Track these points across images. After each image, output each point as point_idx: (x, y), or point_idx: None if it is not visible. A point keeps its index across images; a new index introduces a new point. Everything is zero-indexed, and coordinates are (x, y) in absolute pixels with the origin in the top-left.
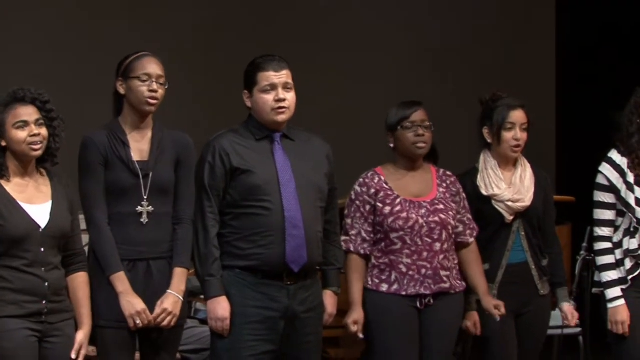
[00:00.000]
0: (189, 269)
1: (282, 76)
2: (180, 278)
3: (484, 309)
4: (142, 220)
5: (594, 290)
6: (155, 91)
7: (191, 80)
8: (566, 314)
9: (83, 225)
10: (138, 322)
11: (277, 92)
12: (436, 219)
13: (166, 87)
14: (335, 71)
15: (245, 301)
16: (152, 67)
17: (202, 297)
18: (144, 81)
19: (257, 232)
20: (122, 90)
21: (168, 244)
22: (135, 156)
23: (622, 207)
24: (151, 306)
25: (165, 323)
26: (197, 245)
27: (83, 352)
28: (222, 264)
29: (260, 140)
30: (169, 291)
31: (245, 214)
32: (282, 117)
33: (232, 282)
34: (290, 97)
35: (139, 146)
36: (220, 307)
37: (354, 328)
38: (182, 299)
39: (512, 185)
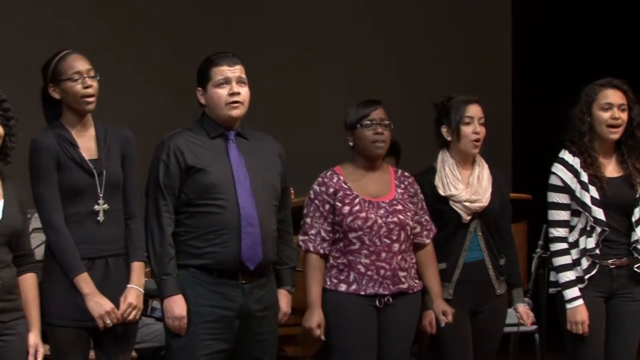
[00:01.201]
0: (145, 262)
1: (236, 71)
2: (139, 272)
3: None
4: (98, 218)
5: (551, 290)
6: (90, 86)
7: (145, 82)
8: (521, 315)
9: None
10: (108, 321)
11: (231, 86)
12: (395, 219)
13: (98, 78)
14: (291, 71)
15: (200, 300)
16: (80, 63)
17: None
18: (76, 80)
19: (212, 231)
20: (56, 95)
21: (123, 240)
22: (85, 155)
23: (577, 207)
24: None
25: (131, 317)
26: (152, 244)
27: (41, 351)
28: (177, 262)
29: (214, 139)
30: (130, 285)
31: (200, 213)
32: (236, 112)
33: (187, 281)
34: (244, 92)
35: (86, 145)
36: (177, 306)
37: (317, 332)
38: (143, 292)
39: (469, 186)
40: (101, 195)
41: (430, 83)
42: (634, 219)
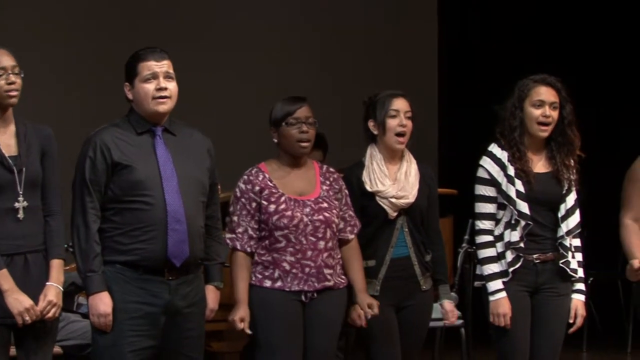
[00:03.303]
0: (64, 259)
1: (164, 65)
2: (58, 269)
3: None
4: (18, 216)
5: (476, 283)
6: (13, 82)
7: (68, 80)
8: (446, 312)
9: None
10: (27, 318)
11: (159, 81)
12: (320, 217)
13: (22, 75)
14: (217, 68)
15: (126, 297)
16: (5, 59)
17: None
18: (0, 75)
19: (138, 227)
20: None
21: (41, 236)
22: (5, 152)
23: (503, 200)
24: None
25: (50, 315)
26: (78, 241)
27: None
28: (104, 259)
29: (141, 135)
30: (49, 283)
31: (127, 209)
32: (163, 108)
33: (112, 277)
34: (171, 86)
35: (6, 141)
36: (102, 303)
37: (240, 325)
38: (62, 289)
39: (396, 182)
40: (21, 193)
41: (356, 78)
42: (560, 215)
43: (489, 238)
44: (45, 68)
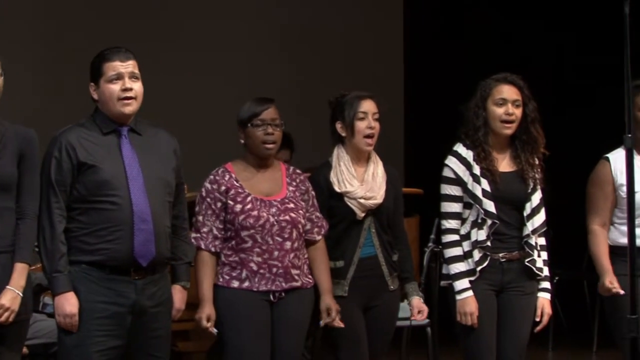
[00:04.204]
0: (30, 264)
1: (129, 66)
2: (20, 273)
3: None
4: None
5: (442, 282)
6: None
7: (37, 76)
8: (414, 308)
9: None
10: None
11: (124, 81)
12: (287, 217)
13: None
14: (185, 69)
15: (92, 296)
16: None
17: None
18: None
19: (104, 227)
20: None
21: (10, 238)
22: None
23: (469, 200)
24: None
25: (2, 319)
26: (43, 241)
27: None
28: (70, 259)
29: (107, 134)
30: (7, 287)
31: (92, 209)
32: (128, 109)
33: (79, 277)
34: (137, 87)
35: None
36: (68, 303)
37: (205, 323)
38: (21, 294)
39: (364, 183)
40: None
41: (323, 78)
42: (525, 214)
43: (455, 237)
44: (19, 68)
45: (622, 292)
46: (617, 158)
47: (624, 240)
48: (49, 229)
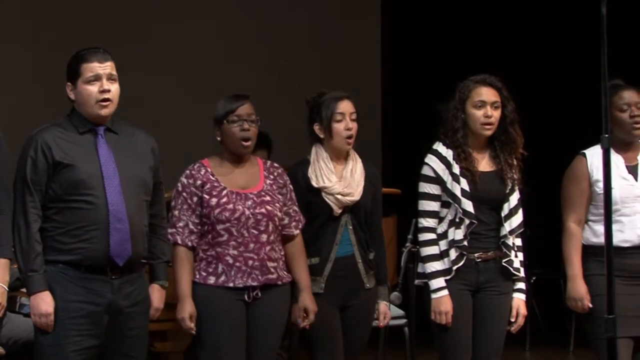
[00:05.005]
0: (10, 259)
1: (107, 67)
2: (3, 269)
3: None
4: None
5: (417, 281)
6: None
7: (17, 80)
8: (379, 314)
9: None
10: None
11: (102, 83)
12: (262, 210)
13: None
14: (163, 67)
15: (68, 296)
16: None
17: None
18: None
19: (80, 226)
20: None
21: None
22: None
23: (447, 199)
24: None
25: None
26: (19, 240)
27: None
28: (45, 258)
29: (83, 134)
30: None
31: (68, 208)
32: (105, 111)
33: (55, 277)
34: (114, 88)
35: None
36: (44, 303)
37: (189, 323)
38: (7, 288)
39: (342, 179)
40: None
41: (301, 77)
42: (503, 214)
43: (432, 236)
44: None
45: (588, 308)
46: (593, 154)
47: (596, 240)
48: (24, 228)
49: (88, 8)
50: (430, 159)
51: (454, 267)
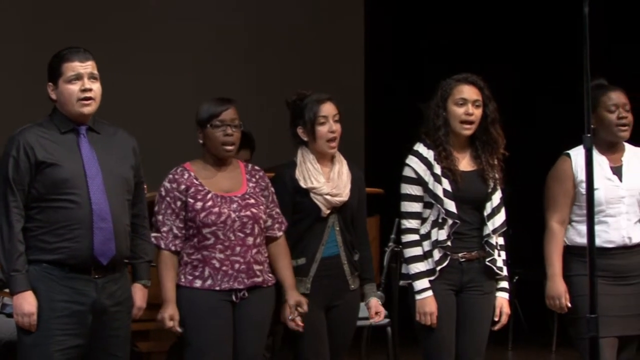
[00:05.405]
0: None
1: (88, 66)
2: None
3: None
4: None
5: (401, 282)
6: None
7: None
8: (372, 309)
9: None
10: None
11: (83, 82)
12: (248, 213)
13: None
14: (145, 68)
15: (52, 295)
16: None
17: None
18: None
19: (64, 226)
20: None
21: None
22: None
23: (430, 199)
24: None
25: None
26: (1, 240)
27: None
28: (29, 258)
29: (65, 133)
30: None
31: (51, 208)
32: (87, 109)
33: (38, 276)
34: (96, 87)
35: None
36: (26, 303)
37: (170, 323)
38: None
39: (330, 180)
40: None
41: (283, 77)
42: (485, 214)
43: (415, 237)
44: None
45: (566, 307)
46: (578, 154)
47: (580, 240)
48: (6, 228)
49: (70, 8)
50: (411, 160)
51: (438, 268)
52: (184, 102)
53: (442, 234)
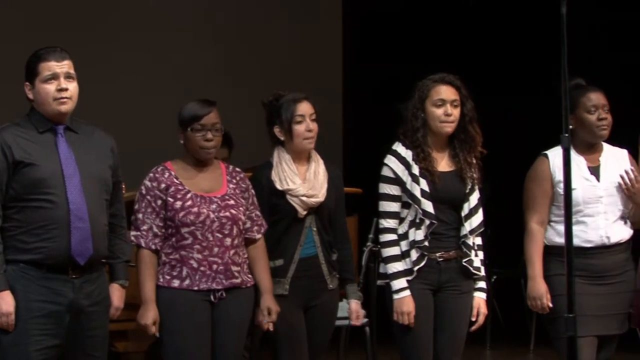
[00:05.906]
0: None
1: (64, 66)
2: None
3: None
4: None
5: (379, 282)
6: None
7: None
8: (352, 313)
9: None
10: None
11: (59, 81)
12: (227, 214)
13: None
14: (124, 68)
15: (29, 295)
16: None
17: None
18: None
19: (41, 226)
20: None
21: None
22: None
23: (407, 199)
24: None
25: None
26: None
27: None
28: (6, 258)
29: (43, 133)
30: None
31: (29, 207)
32: (64, 108)
33: (16, 276)
34: (72, 87)
35: None
36: (4, 302)
37: (152, 329)
38: None
39: (306, 181)
40: None
41: (262, 77)
42: (463, 214)
43: (393, 237)
44: None
45: (548, 307)
46: (555, 155)
47: (559, 240)
48: None
49: (50, 9)
50: (390, 160)
51: (415, 268)
52: (164, 102)
53: (419, 234)
